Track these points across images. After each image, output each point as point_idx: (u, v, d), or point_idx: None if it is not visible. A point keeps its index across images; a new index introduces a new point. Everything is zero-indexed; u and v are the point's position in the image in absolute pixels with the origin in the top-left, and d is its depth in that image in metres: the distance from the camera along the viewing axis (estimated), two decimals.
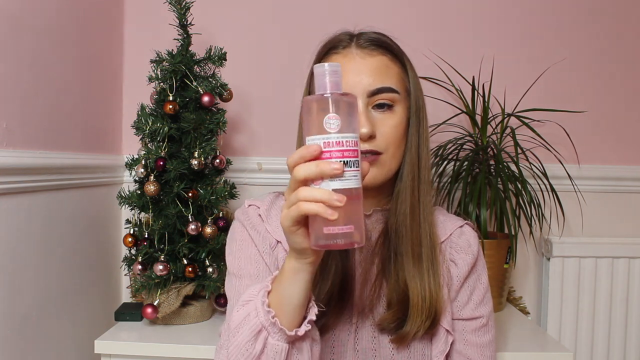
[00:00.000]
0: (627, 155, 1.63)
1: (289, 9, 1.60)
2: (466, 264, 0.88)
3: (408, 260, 0.81)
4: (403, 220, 0.82)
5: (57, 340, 1.24)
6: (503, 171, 1.36)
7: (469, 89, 1.50)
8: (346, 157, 0.60)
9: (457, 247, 0.89)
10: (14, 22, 1.07)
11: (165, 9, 1.32)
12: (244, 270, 0.85)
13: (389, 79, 0.80)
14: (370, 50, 0.81)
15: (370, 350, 0.85)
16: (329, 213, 0.58)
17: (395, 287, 0.82)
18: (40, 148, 1.17)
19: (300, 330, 0.69)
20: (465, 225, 0.92)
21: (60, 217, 1.26)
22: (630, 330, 1.56)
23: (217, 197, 1.30)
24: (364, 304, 0.85)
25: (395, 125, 0.80)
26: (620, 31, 1.61)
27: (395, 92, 0.80)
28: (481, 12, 1.61)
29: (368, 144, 0.77)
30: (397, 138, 0.80)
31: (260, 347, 0.69)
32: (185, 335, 1.22)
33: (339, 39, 0.83)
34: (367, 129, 0.76)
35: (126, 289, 1.59)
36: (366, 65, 0.79)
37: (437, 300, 0.81)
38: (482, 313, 0.89)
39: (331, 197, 0.58)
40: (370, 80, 0.78)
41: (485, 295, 0.90)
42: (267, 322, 0.68)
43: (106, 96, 1.52)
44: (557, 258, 1.55)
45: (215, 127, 1.32)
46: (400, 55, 0.84)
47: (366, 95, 0.78)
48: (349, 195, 0.59)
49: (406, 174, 0.82)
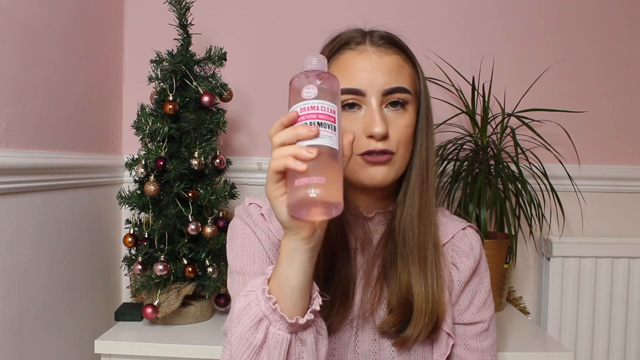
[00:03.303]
0: (627, 155, 1.63)
1: (289, 9, 1.60)
2: (468, 268, 0.87)
3: (414, 263, 0.81)
4: (410, 222, 0.81)
5: (57, 339, 1.24)
6: (503, 171, 1.36)
7: (469, 89, 1.50)
8: (321, 120, 0.62)
9: (459, 250, 0.88)
10: (14, 22, 1.08)
11: (165, 9, 1.32)
12: (248, 267, 0.83)
13: (403, 79, 0.79)
14: (386, 49, 0.80)
15: (371, 353, 0.85)
16: (298, 164, 0.58)
17: (397, 290, 0.82)
18: (40, 148, 1.17)
19: (302, 319, 0.66)
20: (467, 227, 0.91)
21: (60, 217, 1.26)
22: (630, 330, 1.56)
23: (217, 197, 1.30)
24: (364, 306, 0.84)
25: (407, 125, 0.79)
26: (620, 31, 1.61)
27: (408, 93, 0.79)
28: (481, 12, 1.61)
29: (382, 143, 0.77)
30: (407, 138, 0.80)
31: (261, 336, 0.66)
32: (185, 335, 1.22)
33: (351, 35, 0.81)
34: (382, 129, 0.76)
35: (126, 289, 1.59)
36: (381, 63, 0.78)
37: (440, 304, 0.81)
38: (484, 318, 0.88)
39: (300, 150, 0.59)
40: (386, 79, 0.78)
41: (487, 299, 0.89)
42: (267, 309, 0.66)
43: (106, 96, 1.52)
44: (557, 258, 1.55)
45: (215, 127, 1.32)
46: (412, 56, 0.84)
47: (381, 94, 0.77)
48: (322, 152, 0.60)
49: (414, 177, 0.82)
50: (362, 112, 0.78)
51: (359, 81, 0.77)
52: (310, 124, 0.62)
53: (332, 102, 0.63)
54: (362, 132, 0.77)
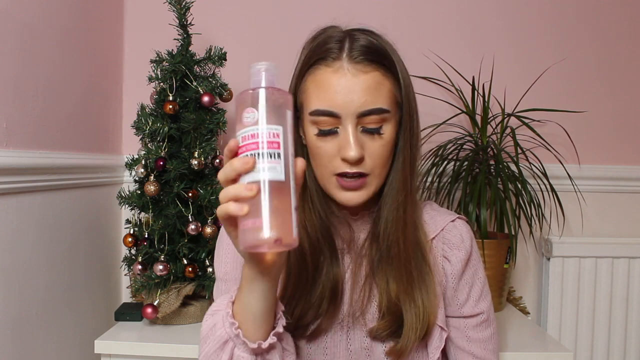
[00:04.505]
0: (627, 155, 1.63)
1: (289, 9, 1.60)
2: (459, 260, 0.87)
3: (399, 272, 0.81)
4: (391, 228, 0.80)
5: (57, 339, 1.24)
6: (503, 171, 1.36)
7: (469, 89, 1.50)
8: (263, 150, 0.57)
9: (450, 243, 0.88)
10: (14, 22, 1.08)
11: (165, 9, 1.32)
12: (230, 274, 0.84)
13: (381, 99, 0.76)
14: (363, 66, 0.75)
15: (364, 351, 0.85)
16: (237, 208, 0.56)
17: (386, 294, 0.82)
18: (40, 148, 1.17)
19: (265, 343, 0.67)
20: (457, 219, 0.90)
21: (60, 217, 1.26)
22: (630, 330, 1.56)
23: (217, 197, 1.30)
24: (354, 306, 0.84)
25: (384, 145, 0.77)
26: (620, 31, 1.61)
27: (385, 112, 0.76)
28: (481, 12, 1.61)
29: (357, 167, 0.76)
30: (384, 159, 0.78)
31: (227, 357, 0.68)
32: (185, 335, 1.22)
33: (328, 47, 0.77)
34: (356, 153, 0.74)
35: (126, 289, 1.59)
36: (358, 83, 0.74)
37: (431, 314, 0.82)
38: (483, 309, 0.89)
39: (239, 190, 0.56)
40: (362, 100, 0.74)
41: (483, 289, 0.90)
42: (232, 333, 0.68)
43: (106, 96, 1.52)
44: (557, 258, 1.55)
45: (215, 127, 1.32)
46: (392, 65, 0.78)
47: (356, 116, 0.74)
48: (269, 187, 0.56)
49: (396, 180, 0.80)
50: (338, 134, 0.76)
51: (334, 102, 0.74)
52: (251, 154, 0.57)
53: (276, 125, 0.58)
54: (337, 154, 0.76)
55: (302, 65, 0.80)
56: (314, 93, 0.77)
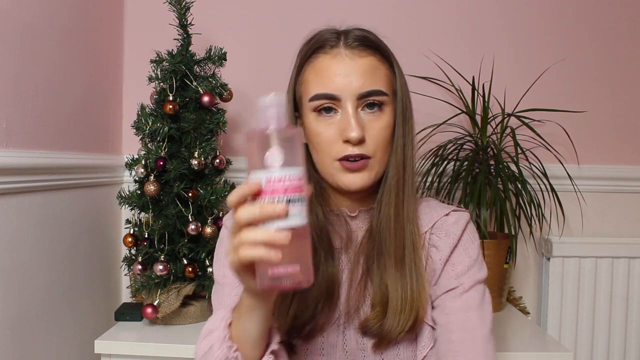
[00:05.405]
0: (627, 155, 1.63)
1: (289, 9, 1.60)
2: (448, 246, 0.84)
3: (390, 262, 0.80)
4: (387, 223, 0.81)
5: (57, 339, 1.24)
6: (503, 171, 1.36)
7: (469, 89, 1.50)
8: (289, 194, 0.56)
9: (440, 232, 0.86)
10: (14, 21, 1.08)
11: (165, 9, 1.32)
12: (228, 277, 0.84)
13: (379, 81, 0.78)
14: (360, 51, 0.79)
15: (359, 351, 0.85)
16: (272, 255, 0.55)
17: (379, 288, 0.81)
18: (40, 148, 1.17)
19: None
20: (451, 212, 0.88)
21: (60, 217, 1.26)
22: (630, 330, 1.56)
23: (217, 197, 1.30)
24: (349, 305, 0.84)
25: (384, 127, 0.79)
26: (620, 31, 1.61)
27: (384, 95, 0.78)
28: (481, 12, 1.61)
29: (358, 148, 0.77)
30: (385, 141, 0.79)
31: None
32: (185, 335, 1.22)
33: (325, 38, 0.80)
34: (357, 133, 0.75)
35: (126, 289, 1.58)
36: (355, 67, 0.77)
37: (420, 301, 0.79)
38: (462, 281, 0.82)
39: (274, 237, 0.55)
40: (360, 82, 0.77)
41: (471, 266, 0.84)
42: (231, 355, 0.69)
43: (106, 96, 1.52)
44: (557, 258, 1.55)
45: (215, 127, 1.32)
46: (388, 55, 0.82)
47: (356, 98, 0.77)
48: (294, 234, 0.56)
49: (391, 176, 0.81)
50: (338, 117, 0.78)
51: (334, 86, 0.77)
52: (278, 200, 0.56)
53: (298, 166, 0.58)
54: (338, 137, 0.77)
55: (301, 60, 0.83)
56: (313, 80, 0.79)
